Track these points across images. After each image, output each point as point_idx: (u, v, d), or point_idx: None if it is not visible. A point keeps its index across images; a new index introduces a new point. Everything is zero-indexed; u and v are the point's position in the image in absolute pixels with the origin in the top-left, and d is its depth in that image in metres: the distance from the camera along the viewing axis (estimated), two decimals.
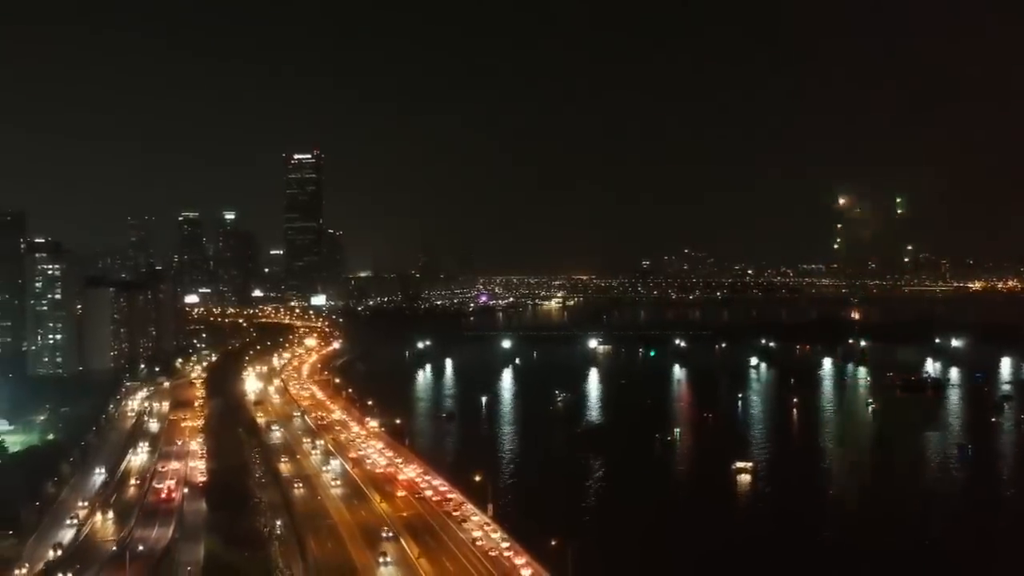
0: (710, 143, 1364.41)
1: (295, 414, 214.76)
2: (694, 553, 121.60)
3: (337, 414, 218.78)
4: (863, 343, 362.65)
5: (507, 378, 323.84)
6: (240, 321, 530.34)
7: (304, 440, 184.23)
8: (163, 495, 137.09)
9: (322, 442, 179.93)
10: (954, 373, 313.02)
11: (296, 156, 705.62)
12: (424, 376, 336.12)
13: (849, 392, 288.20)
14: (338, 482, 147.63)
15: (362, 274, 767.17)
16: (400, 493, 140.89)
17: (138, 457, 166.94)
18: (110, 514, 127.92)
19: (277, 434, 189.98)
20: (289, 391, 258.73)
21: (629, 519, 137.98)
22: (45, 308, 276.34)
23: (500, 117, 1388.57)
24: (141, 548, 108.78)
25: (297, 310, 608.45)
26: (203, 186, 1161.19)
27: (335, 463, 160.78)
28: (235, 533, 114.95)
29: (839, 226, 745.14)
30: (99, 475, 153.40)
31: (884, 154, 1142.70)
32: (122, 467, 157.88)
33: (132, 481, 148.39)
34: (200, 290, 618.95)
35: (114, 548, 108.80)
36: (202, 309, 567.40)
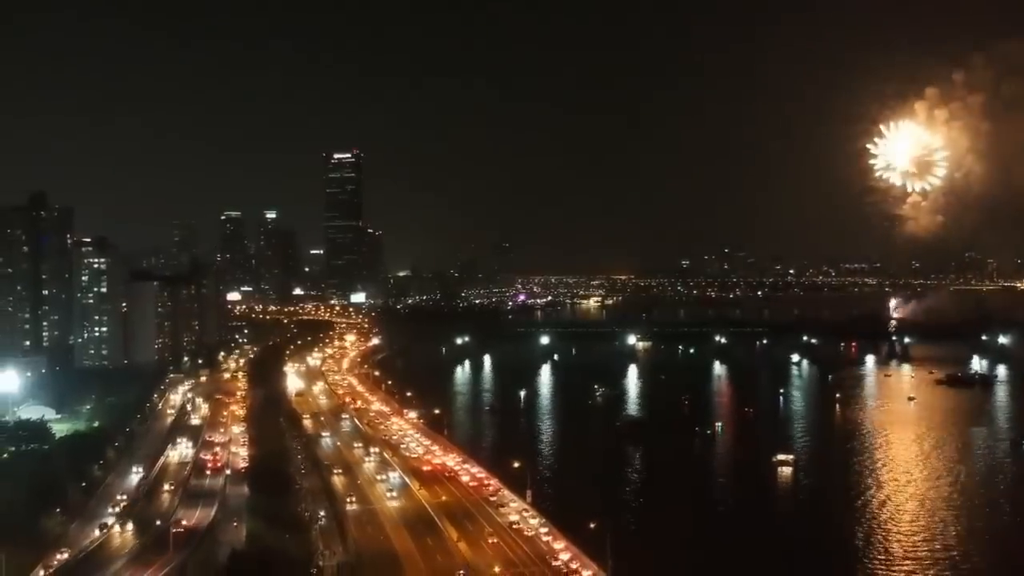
0: (751, 143, 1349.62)
1: (344, 416, 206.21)
2: (733, 540, 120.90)
3: (376, 405, 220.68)
4: (907, 340, 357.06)
5: (546, 373, 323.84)
6: (281, 318, 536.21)
7: (350, 438, 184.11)
8: (207, 471, 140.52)
9: (348, 418, 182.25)
10: (1001, 370, 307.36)
11: (336, 155, 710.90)
12: (462, 371, 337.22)
13: (892, 387, 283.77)
14: (374, 467, 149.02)
15: (401, 273, 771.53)
16: (426, 468, 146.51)
17: (181, 445, 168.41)
18: (153, 499, 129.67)
19: (327, 439, 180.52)
20: (328, 384, 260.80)
21: (668, 507, 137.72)
22: (91, 301, 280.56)
23: (539, 118, 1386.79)
24: (185, 523, 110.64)
25: (337, 307, 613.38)
26: (245, 186, 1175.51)
27: (374, 451, 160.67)
28: (276, 516, 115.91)
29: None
30: (144, 461, 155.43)
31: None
32: (165, 455, 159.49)
33: (174, 468, 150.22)
34: (242, 288, 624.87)
35: (158, 523, 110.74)
36: (244, 307, 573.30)
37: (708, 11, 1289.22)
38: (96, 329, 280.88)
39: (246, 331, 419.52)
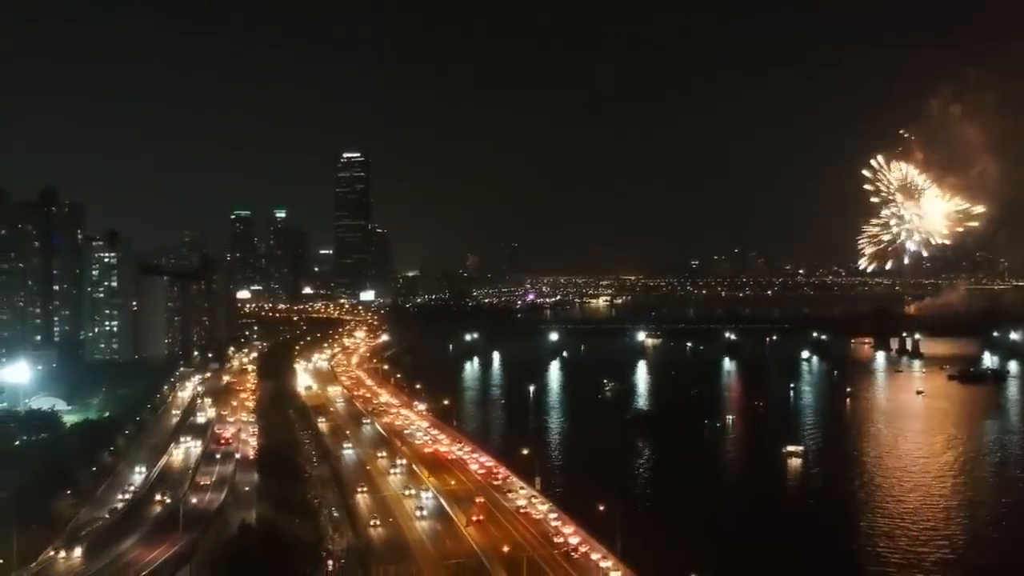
0: (761, 144, 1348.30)
1: (365, 421, 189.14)
2: (741, 527, 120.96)
3: (384, 397, 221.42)
4: (918, 336, 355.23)
5: (555, 369, 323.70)
6: (291, 316, 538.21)
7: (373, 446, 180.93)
8: (217, 456, 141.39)
9: (370, 422, 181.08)
10: (1013, 366, 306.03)
11: (345, 155, 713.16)
12: (471, 367, 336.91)
13: (903, 383, 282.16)
14: (400, 481, 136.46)
15: (410, 273, 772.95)
16: (427, 450, 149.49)
17: (190, 437, 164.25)
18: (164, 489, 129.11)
19: (348, 450, 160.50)
20: (343, 386, 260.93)
21: (677, 495, 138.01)
22: (102, 296, 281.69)
23: (549, 119, 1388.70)
24: (195, 501, 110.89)
25: (346, 306, 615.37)
26: (255, 186, 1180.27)
27: (401, 462, 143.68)
28: (286, 501, 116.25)
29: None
30: (152, 452, 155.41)
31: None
32: (173, 447, 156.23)
33: (180, 460, 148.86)
34: (252, 287, 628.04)
35: (168, 501, 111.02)
36: (253, 305, 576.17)
37: (722, 16, 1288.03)
38: (106, 323, 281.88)
39: (256, 328, 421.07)
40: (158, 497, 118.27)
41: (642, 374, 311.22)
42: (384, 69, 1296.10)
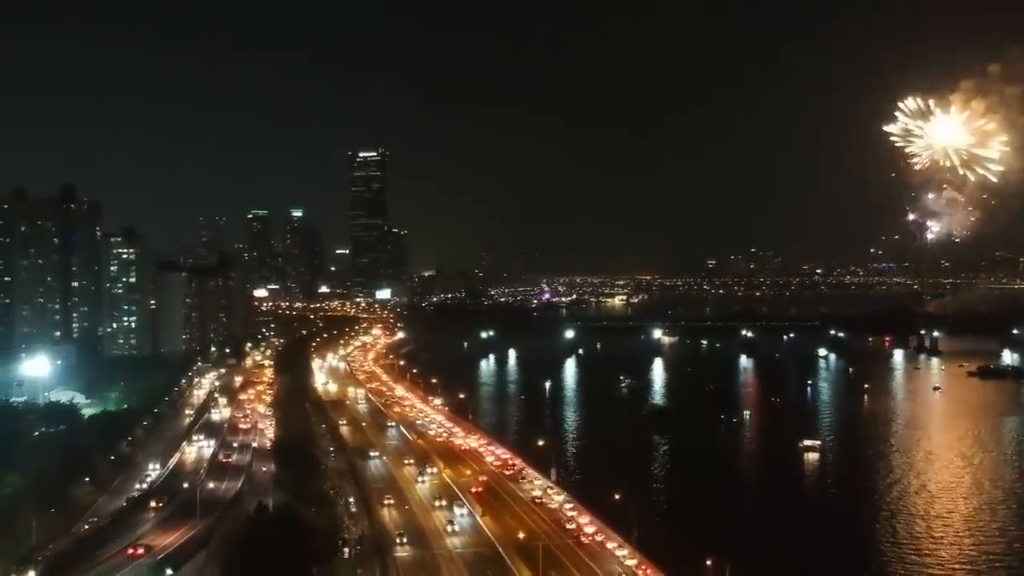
0: (778, 142, 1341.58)
1: (390, 424, 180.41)
2: (758, 517, 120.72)
3: (400, 391, 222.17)
4: (936, 334, 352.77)
5: (571, 366, 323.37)
6: (307, 314, 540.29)
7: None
8: (235, 444, 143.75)
9: (395, 425, 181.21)
10: None
11: (361, 154, 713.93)
12: (487, 365, 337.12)
13: (921, 379, 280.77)
14: (428, 490, 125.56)
15: (426, 272, 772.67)
16: (438, 439, 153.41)
17: (203, 436, 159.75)
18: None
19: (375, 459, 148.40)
20: (355, 375, 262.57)
21: (693, 486, 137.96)
22: (120, 292, 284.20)
23: (564, 118, 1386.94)
24: (212, 487, 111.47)
25: (362, 304, 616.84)
26: (272, 186, 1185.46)
27: (431, 470, 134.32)
28: (302, 491, 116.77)
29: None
30: (170, 444, 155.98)
31: None
32: (186, 445, 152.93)
33: (193, 459, 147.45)
34: (268, 286, 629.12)
35: (186, 486, 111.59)
36: (270, 303, 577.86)
37: (741, 10, 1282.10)
38: (125, 319, 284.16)
39: (272, 326, 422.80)
40: (153, 504, 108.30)
41: (658, 371, 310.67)
42: (400, 68, 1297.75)
